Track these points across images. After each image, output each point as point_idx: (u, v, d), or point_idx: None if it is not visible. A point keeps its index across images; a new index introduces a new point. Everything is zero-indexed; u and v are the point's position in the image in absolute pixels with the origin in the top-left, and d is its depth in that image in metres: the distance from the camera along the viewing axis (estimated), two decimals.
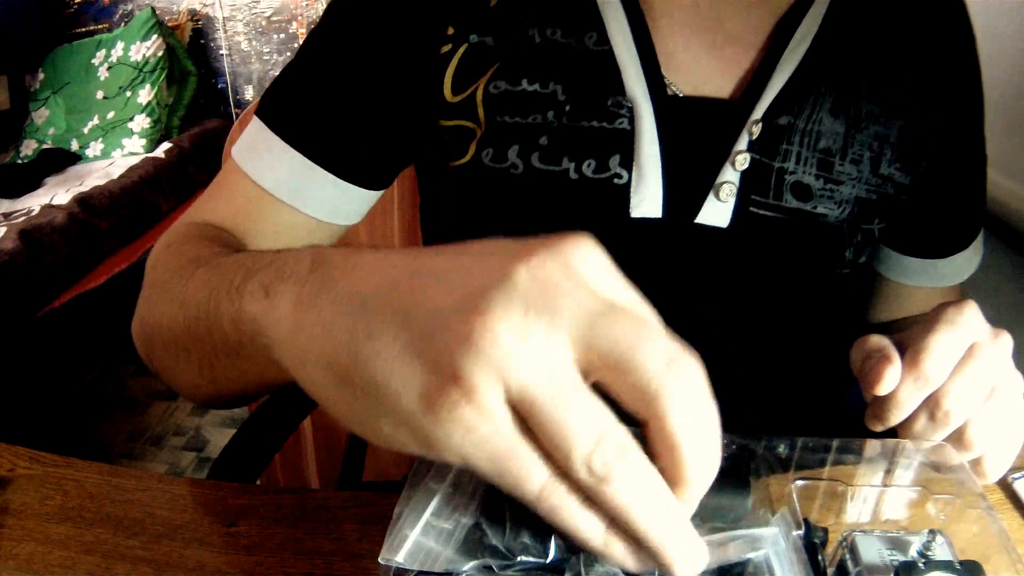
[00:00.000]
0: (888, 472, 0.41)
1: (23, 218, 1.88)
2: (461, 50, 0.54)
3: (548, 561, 0.32)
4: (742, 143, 0.53)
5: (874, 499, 0.40)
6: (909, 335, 0.43)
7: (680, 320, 0.57)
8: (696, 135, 0.54)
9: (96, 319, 1.88)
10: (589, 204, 0.54)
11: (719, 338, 0.58)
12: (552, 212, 0.54)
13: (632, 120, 0.52)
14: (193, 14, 2.55)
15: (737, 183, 0.53)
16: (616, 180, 0.53)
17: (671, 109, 0.53)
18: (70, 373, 1.93)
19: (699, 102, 0.54)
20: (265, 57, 2.55)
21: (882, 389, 0.41)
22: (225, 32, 2.54)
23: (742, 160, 0.53)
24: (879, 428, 0.43)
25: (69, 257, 1.85)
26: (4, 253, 1.70)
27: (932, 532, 0.35)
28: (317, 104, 0.56)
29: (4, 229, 1.79)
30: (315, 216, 0.57)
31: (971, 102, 0.61)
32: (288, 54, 2.52)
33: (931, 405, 0.42)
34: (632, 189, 0.53)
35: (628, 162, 0.53)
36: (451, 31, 0.54)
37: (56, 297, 1.80)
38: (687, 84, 0.54)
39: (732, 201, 0.53)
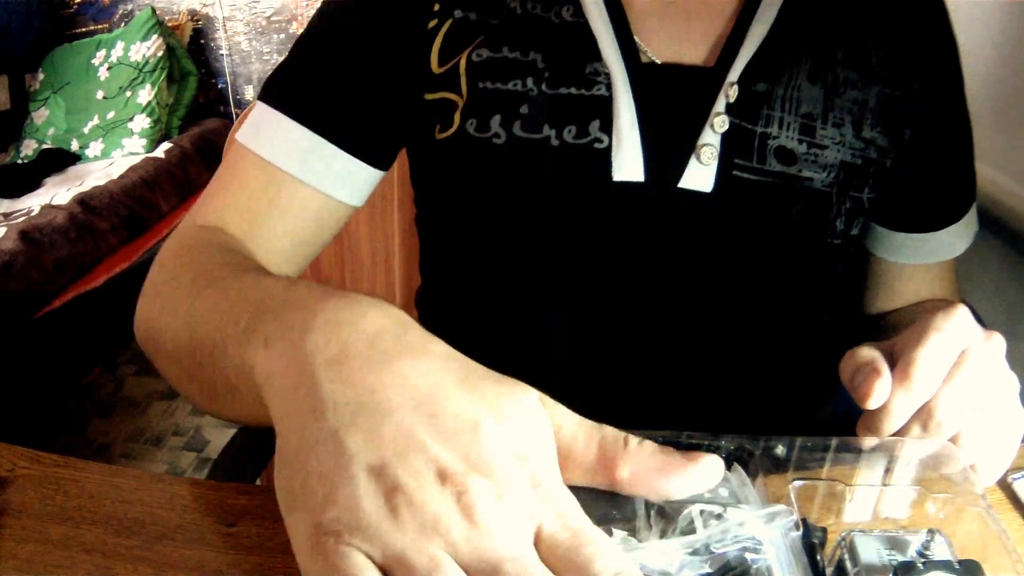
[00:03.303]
0: (887, 471, 0.41)
1: (23, 218, 1.88)
2: (447, 25, 0.57)
3: None
4: (719, 105, 0.55)
5: (873, 499, 0.40)
6: (899, 344, 0.43)
7: (665, 288, 0.57)
8: (673, 100, 0.56)
9: (96, 319, 1.88)
10: (571, 169, 0.55)
11: (706, 308, 0.59)
12: (536, 180, 0.56)
13: (609, 87, 0.55)
14: (193, 14, 2.55)
15: (718, 146, 0.55)
16: (597, 144, 0.55)
17: (646, 76, 0.55)
18: (70, 373, 1.93)
19: (674, 68, 0.56)
20: (265, 57, 2.55)
21: (872, 403, 0.41)
22: (225, 32, 2.54)
23: (721, 122, 0.54)
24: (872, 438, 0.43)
25: (69, 257, 1.84)
26: (4, 253, 1.70)
27: (931, 531, 0.35)
28: (318, 80, 0.59)
29: (4, 229, 1.79)
30: (323, 190, 0.58)
31: (948, 70, 0.62)
32: None
33: (923, 416, 0.41)
34: (612, 153, 0.55)
35: (608, 127, 0.55)
36: (437, 7, 0.57)
37: (56, 297, 1.80)
38: (662, 52, 0.56)
39: (714, 164, 0.55)
